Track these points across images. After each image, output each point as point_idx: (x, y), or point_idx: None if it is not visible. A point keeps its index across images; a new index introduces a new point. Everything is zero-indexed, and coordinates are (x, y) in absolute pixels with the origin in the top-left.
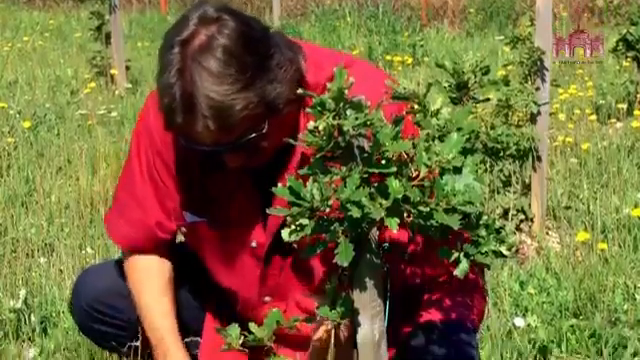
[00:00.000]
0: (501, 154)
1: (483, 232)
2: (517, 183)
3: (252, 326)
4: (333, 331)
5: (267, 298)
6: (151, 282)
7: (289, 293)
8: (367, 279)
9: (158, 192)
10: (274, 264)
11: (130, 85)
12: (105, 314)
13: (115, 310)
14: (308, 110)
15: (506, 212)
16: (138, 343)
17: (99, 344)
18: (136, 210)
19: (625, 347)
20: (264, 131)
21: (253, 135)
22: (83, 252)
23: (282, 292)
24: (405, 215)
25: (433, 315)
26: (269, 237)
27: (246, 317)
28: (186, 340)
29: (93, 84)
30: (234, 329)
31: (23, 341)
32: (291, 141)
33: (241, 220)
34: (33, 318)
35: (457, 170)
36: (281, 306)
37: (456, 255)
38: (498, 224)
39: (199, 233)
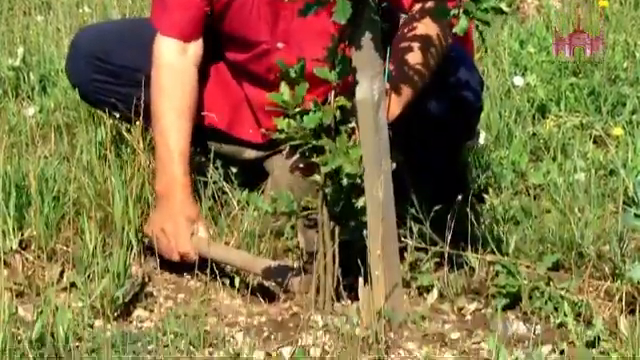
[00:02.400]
0: None
1: None
2: None
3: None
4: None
5: (280, 44)
6: (176, 99)
7: (303, 44)
8: (365, 38)
9: None
10: (285, 6)
11: None
12: (108, 62)
13: (120, 58)
14: None
15: None
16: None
17: (97, 101)
18: None
19: (624, 105)
20: None
21: None
22: (80, 11)
23: (295, 40)
24: None
25: None
26: None
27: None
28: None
29: None
30: None
31: (23, 99)
32: None
33: None
34: (32, 76)
35: None
36: (294, 53)
37: (455, 12)
38: None
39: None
